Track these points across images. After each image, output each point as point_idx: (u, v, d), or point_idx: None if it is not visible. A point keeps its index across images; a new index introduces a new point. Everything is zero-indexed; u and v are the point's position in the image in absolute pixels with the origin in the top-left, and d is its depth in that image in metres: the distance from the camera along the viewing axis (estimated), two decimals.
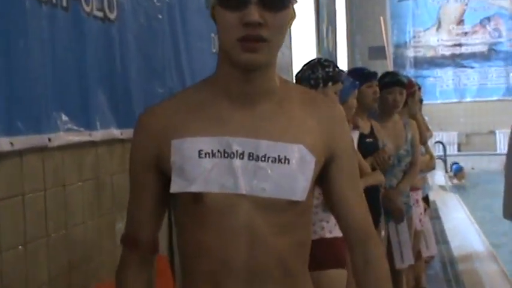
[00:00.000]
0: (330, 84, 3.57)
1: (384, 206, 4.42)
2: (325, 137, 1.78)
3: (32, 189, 2.34)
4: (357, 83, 4.04)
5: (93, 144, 2.75)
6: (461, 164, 14.13)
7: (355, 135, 4.00)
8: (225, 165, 1.71)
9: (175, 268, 3.45)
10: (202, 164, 1.71)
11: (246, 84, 1.73)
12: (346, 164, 1.83)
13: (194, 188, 1.70)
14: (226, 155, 1.71)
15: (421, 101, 6.29)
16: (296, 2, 1.72)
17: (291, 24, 1.74)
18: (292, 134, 1.73)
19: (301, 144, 1.72)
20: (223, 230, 1.74)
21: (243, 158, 1.71)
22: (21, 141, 2.22)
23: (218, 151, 1.71)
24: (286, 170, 1.71)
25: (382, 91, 4.92)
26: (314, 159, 1.73)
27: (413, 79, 6.54)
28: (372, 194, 4.00)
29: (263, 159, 1.71)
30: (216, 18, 1.70)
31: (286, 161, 1.71)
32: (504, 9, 17.62)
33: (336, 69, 3.67)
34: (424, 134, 5.95)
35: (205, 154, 1.71)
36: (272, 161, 1.71)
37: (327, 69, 3.59)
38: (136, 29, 3.20)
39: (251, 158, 1.71)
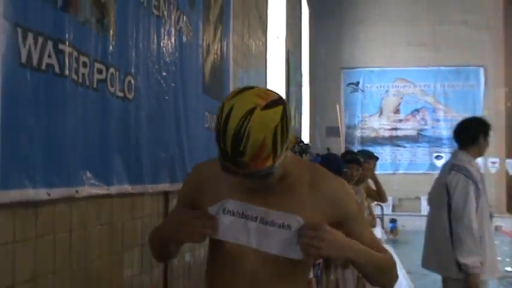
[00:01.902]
0: (304, 155, 3.67)
1: None
2: (330, 210, 1.82)
3: (61, 230, 2.34)
4: (318, 158, 4.12)
5: (109, 196, 2.74)
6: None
7: None
8: (241, 223, 1.81)
9: None
10: (223, 219, 1.82)
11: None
12: (355, 224, 1.87)
13: (216, 235, 1.84)
14: (244, 216, 1.81)
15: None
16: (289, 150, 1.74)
17: (290, 147, 1.75)
18: (296, 208, 1.79)
19: (302, 217, 1.78)
20: (235, 271, 1.83)
21: (256, 221, 1.80)
22: (56, 192, 2.23)
23: (237, 212, 1.82)
24: (287, 234, 1.78)
25: None
26: None
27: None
28: None
29: (271, 224, 1.79)
30: None
31: (288, 228, 1.78)
32: (429, 104, 17.92)
33: (304, 143, 3.78)
34: (384, 192, 6.14)
35: (228, 212, 1.82)
36: (278, 227, 1.79)
37: (300, 144, 3.70)
38: (148, 107, 3.22)
39: (262, 222, 1.80)
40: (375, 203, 6.90)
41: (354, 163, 5.02)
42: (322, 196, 1.82)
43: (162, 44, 3.46)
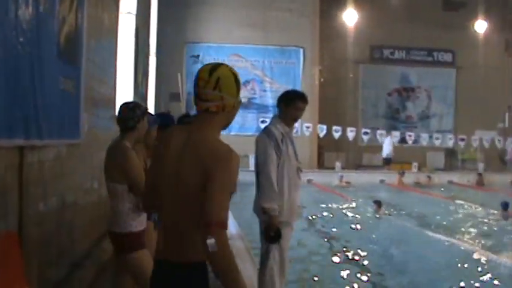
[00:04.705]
0: (144, 117, 3.72)
1: None
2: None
3: None
4: (157, 119, 4.20)
5: None
6: None
7: None
8: None
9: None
10: None
11: None
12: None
13: None
14: None
15: None
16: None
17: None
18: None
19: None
20: None
21: None
22: None
23: None
24: None
25: None
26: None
27: None
28: None
29: None
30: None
31: None
32: (258, 77, 18.58)
33: (144, 107, 3.84)
34: None
35: None
36: None
37: (141, 108, 3.75)
38: (5, 69, 3.05)
39: None
40: None
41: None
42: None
43: (19, 12, 3.27)
